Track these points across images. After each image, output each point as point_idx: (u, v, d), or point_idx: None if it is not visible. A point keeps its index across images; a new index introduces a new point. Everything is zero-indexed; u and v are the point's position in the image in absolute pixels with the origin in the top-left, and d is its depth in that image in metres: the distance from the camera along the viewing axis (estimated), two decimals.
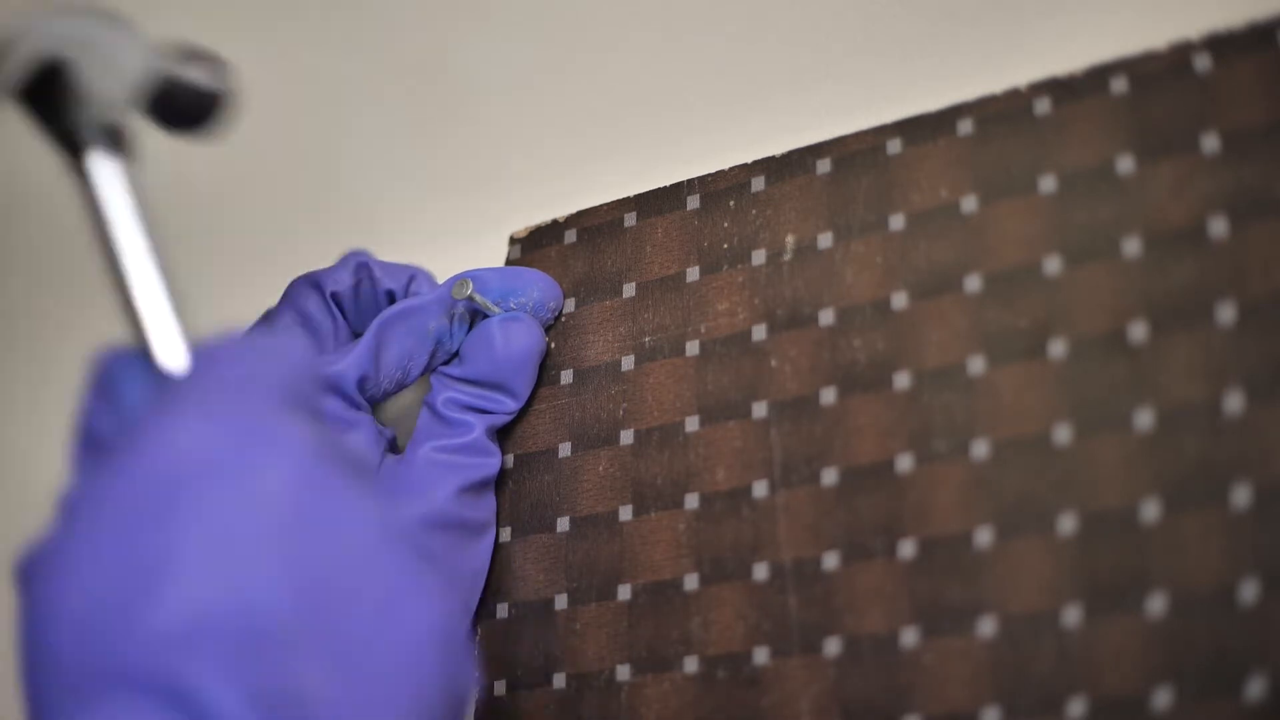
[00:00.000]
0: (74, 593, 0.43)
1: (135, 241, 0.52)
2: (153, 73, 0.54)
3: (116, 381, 0.49)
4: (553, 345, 0.63)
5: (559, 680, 0.59)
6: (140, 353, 0.49)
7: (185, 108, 0.56)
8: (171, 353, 0.50)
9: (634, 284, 0.62)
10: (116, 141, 0.53)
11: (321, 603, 0.43)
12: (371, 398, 0.63)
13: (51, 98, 0.52)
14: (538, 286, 0.63)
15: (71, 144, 0.53)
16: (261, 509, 0.44)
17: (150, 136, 0.56)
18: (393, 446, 0.64)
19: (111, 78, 0.53)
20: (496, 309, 0.62)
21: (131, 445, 0.45)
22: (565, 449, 0.62)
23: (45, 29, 0.52)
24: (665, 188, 0.63)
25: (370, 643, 0.44)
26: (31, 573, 0.45)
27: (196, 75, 0.56)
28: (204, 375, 0.48)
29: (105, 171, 0.53)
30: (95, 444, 0.48)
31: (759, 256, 0.60)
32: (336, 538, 0.44)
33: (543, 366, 0.63)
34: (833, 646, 0.54)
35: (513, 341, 0.62)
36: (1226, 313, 0.51)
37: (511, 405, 0.62)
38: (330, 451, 0.46)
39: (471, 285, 0.61)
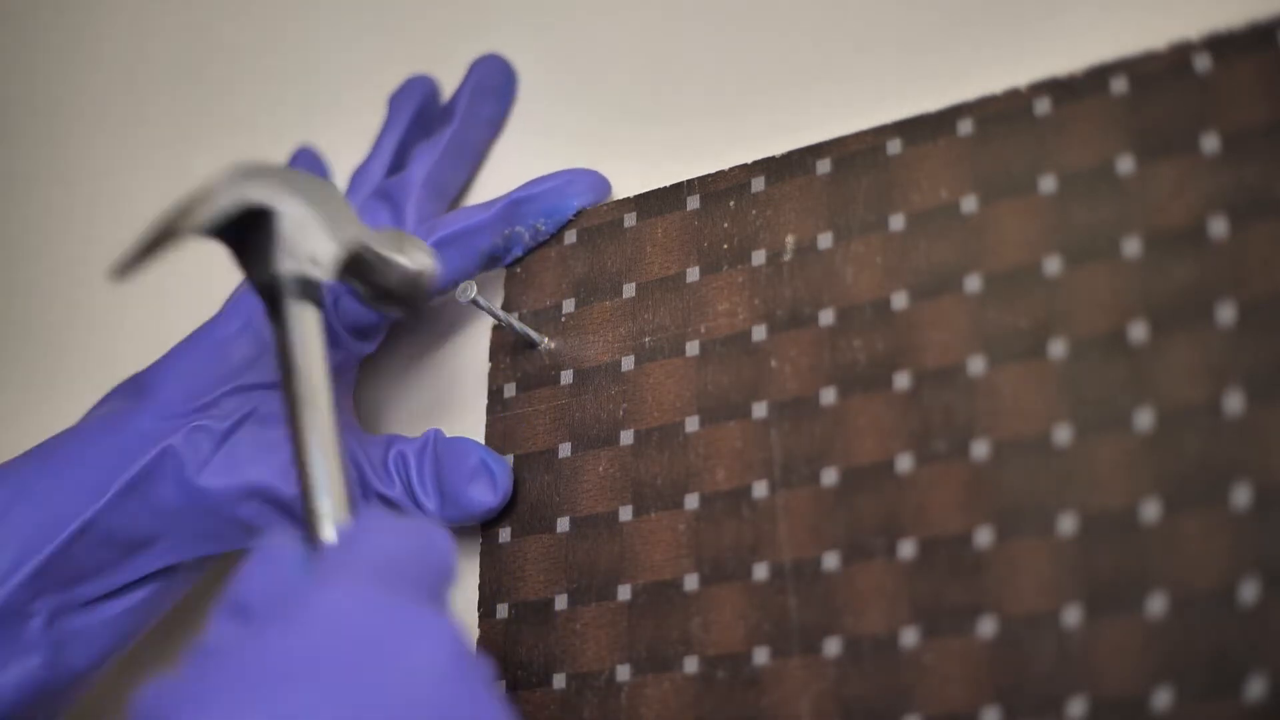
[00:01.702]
0: None
1: (319, 397, 0.54)
2: (356, 242, 0.57)
3: (278, 556, 0.49)
4: (553, 346, 0.63)
5: (559, 680, 0.59)
6: (306, 538, 0.51)
7: (384, 281, 0.59)
8: (332, 525, 0.52)
9: (634, 284, 0.62)
10: (311, 294, 0.55)
11: None
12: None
13: (254, 244, 0.54)
14: (584, 197, 0.65)
15: (270, 291, 0.54)
16: (409, 689, 0.44)
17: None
18: None
19: (313, 235, 0.55)
20: (503, 315, 0.62)
21: (282, 608, 0.46)
22: (565, 449, 0.62)
23: (257, 179, 0.54)
24: (665, 188, 0.63)
25: None
26: (158, 714, 0.45)
27: (397, 254, 0.59)
28: (361, 550, 0.49)
29: (299, 317, 0.54)
30: (240, 609, 0.48)
31: (759, 257, 0.60)
32: None
33: (543, 367, 0.63)
34: (833, 647, 0.54)
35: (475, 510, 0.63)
36: (1226, 313, 0.51)
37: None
38: (467, 647, 0.47)
39: (475, 288, 0.61)
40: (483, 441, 0.64)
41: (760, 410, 0.58)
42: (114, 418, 0.62)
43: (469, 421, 0.65)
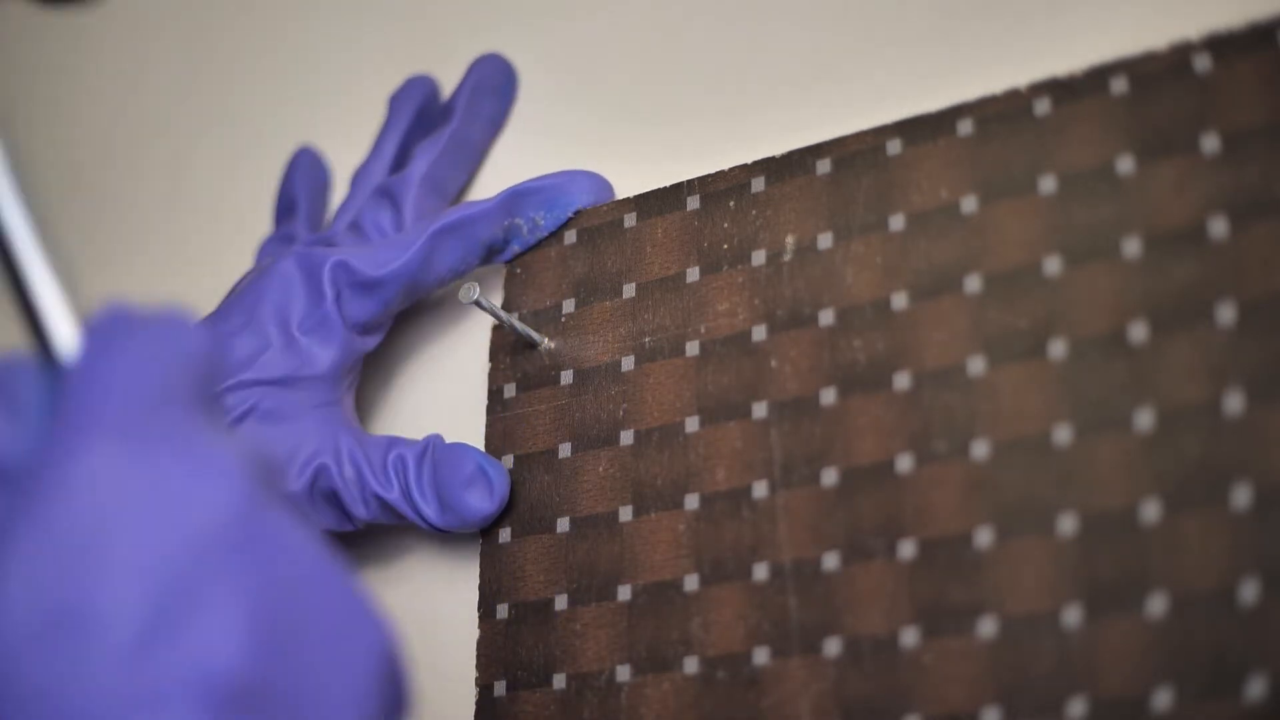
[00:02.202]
0: None
1: (8, 200, 0.48)
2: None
3: (14, 390, 0.43)
4: (553, 346, 0.63)
5: (559, 681, 0.59)
6: (39, 355, 0.44)
7: None
8: (69, 343, 0.44)
9: (634, 284, 0.62)
10: None
11: (277, 644, 0.39)
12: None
13: None
14: (584, 198, 0.65)
15: None
16: (202, 548, 0.39)
17: None
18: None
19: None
20: (506, 316, 0.62)
21: (41, 484, 0.40)
22: (565, 449, 0.62)
23: None
24: (665, 188, 0.63)
25: (323, 675, 0.40)
26: None
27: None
28: (106, 378, 0.42)
29: None
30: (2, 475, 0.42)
31: (759, 257, 0.60)
32: (282, 567, 0.40)
33: (543, 367, 0.63)
34: (833, 647, 0.54)
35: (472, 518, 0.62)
36: (1226, 313, 0.51)
37: (423, 525, 0.63)
38: (258, 463, 0.41)
39: (478, 289, 0.61)
40: (483, 442, 0.64)
41: (760, 410, 0.58)
42: None
43: (469, 421, 0.65)
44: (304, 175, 0.74)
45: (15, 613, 0.38)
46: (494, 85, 0.70)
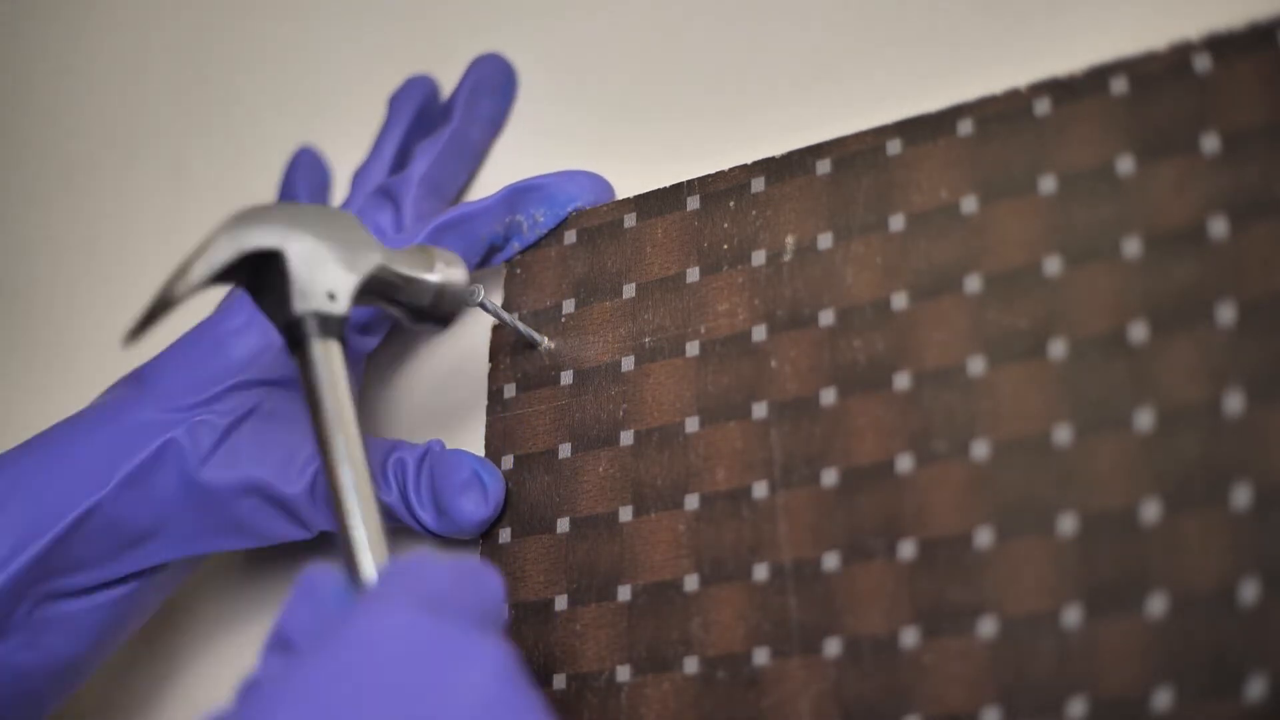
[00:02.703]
0: None
1: (349, 429, 0.54)
2: (375, 266, 0.56)
3: (319, 588, 0.49)
4: (553, 346, 0.63)
5: (559, 681, 0.59)
6: (346, 571, 0.51)
7: (413, 300, 0.59)
8: (375, 566, 0.51)
9: (634, 285, 0.62)
10: (331, 330, 0.54)
11: None
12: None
13: (268, 287, 0.54)
14: (583, 197, 0.65)
15: (291, 332, 0.54)
16: (459, 707, 0.44)
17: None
18: None
19: (326, 269, 0.55)
20: (509, 316, 0.62)
21: (330, 635, 0.46)
22: (565, 450, 0.62)
23: (256, 224, 0.54)
24: (665, 188, 0.63)
25: None
26: None
27: (422, 271, 0.58)
28: (406, 579, 0.48)
29: (322, 354, 0.54)
30: (285, 641, 0.48)
31: (759, 257, 0.60)
32: None
33: (543, 367, 0.63)
34: (833, 647, 0.54)
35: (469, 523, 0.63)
36: (1226, 313, 0.51)
37: (419, 530, 0.63)
38: (521, 674, 0.46)
39: (482, 290, 0.61)
40: (483, 442, 0.64)
41: (760, 410, 0.58)
42: (114, 408, 0.62)
43: (469, 422, 0.65)
44: (304, 174, 0.74)
45: None
46: (493, 85, 0.70)
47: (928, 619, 0.53)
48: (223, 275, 0.54)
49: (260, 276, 0.54)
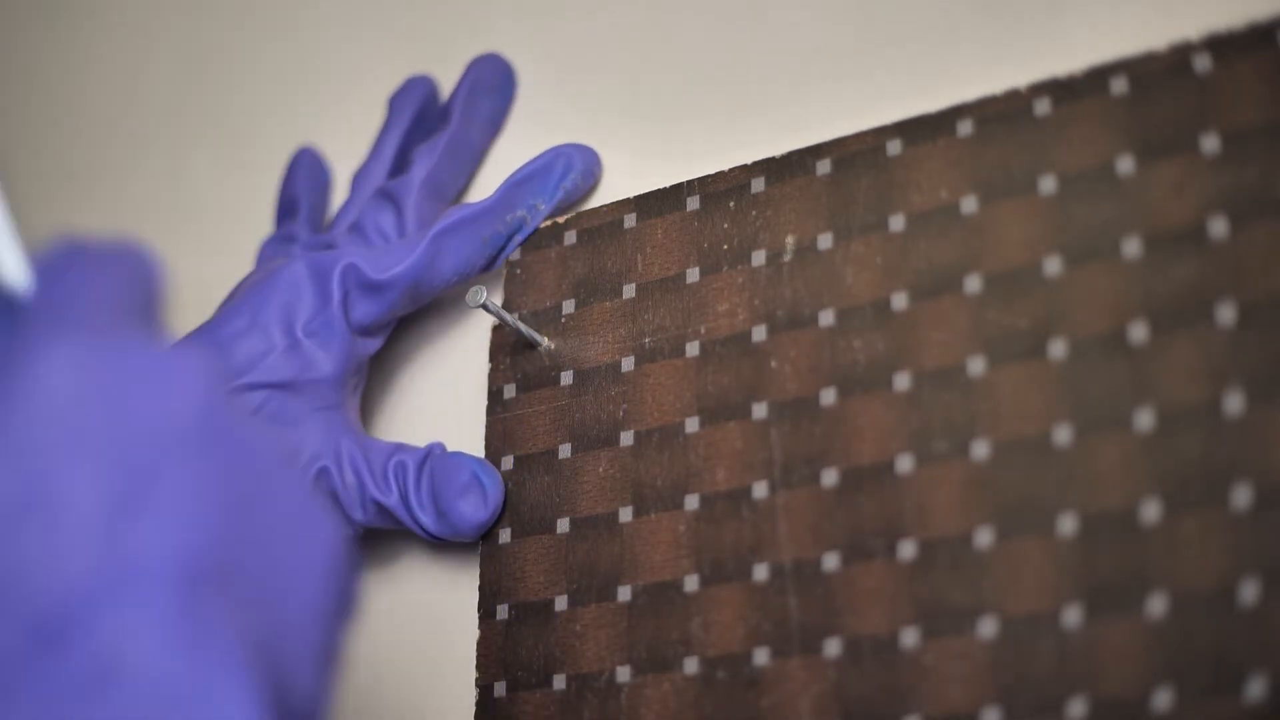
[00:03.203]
0: None
1: None
2: None
3: None
4: (552, 347, 0.63)
5: (559, 681, 0.59)
6: None
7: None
8: (16, 270, 0.44)
9: (634, 285, 0.62)
10: None
11: (241, 526, 0.40)
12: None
13: None
14: (573, 170, 0.66)
15: None
16: (167, 436, 0.40)
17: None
18: None
19: None
20: (510, 318, 0.62)
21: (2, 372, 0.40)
22: (565, 450, 0.62)
23: None
24: (665, 189, 0.63)
25: (280, 567, 0.41)
26: None
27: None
28: (64, 294, 0.43)
29: None
30: None
31: (759, 257, 0.60)
32: (243, 462, 0.41)
33: (543, 367, 0.63)
34: (833, 647, 0.54)
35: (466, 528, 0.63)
36: (1226, 313, 0.51)
37: (420, 532, 0.63)
38: (216, 370, 0.42)
39: (485, 292, 0.61)
40: (483, 442, 0.64)
41: (760, 411, 0.58)
42: None
43: (469, 422, 0.65)
44: (305, 175, 0.74)
45: None
46: (492, 85, 0.70)
47: (928, 619, 0.53)
48: None
49: None
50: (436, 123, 0.70)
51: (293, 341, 0.63)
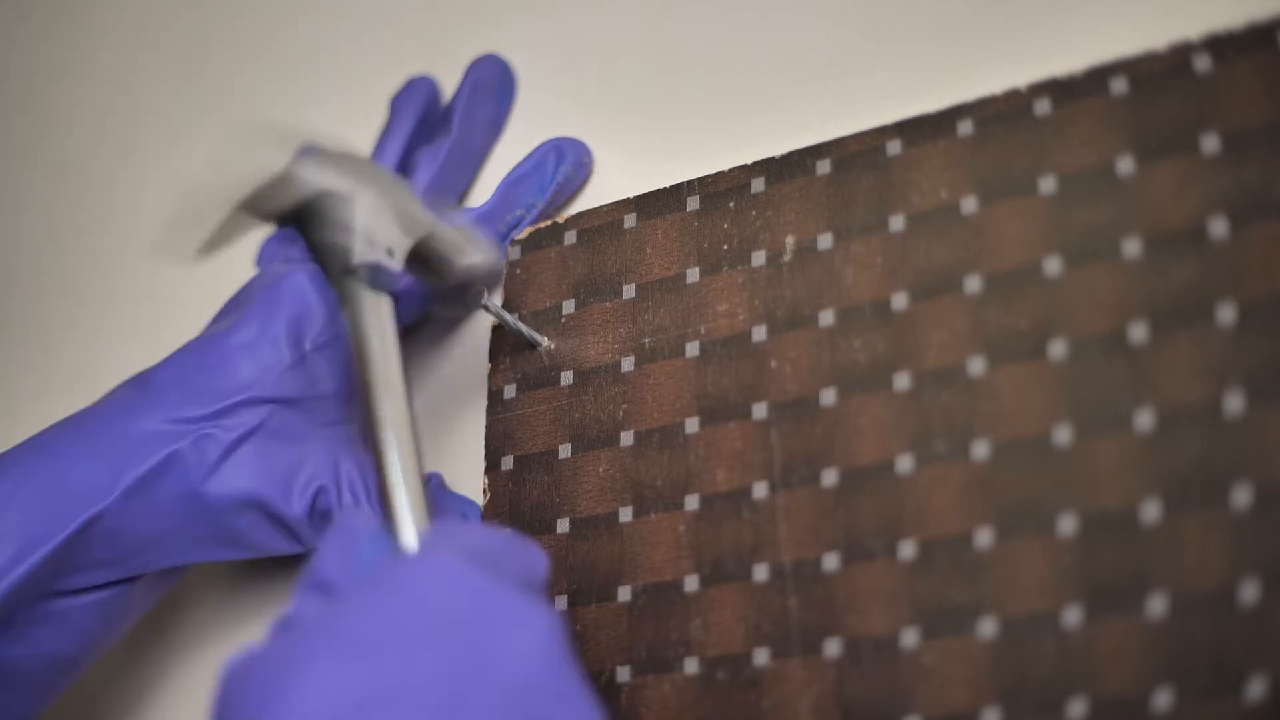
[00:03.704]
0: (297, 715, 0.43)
1: (395, 386, 0.53)
2: (424, 234, 0.56)
3: (357, 537, 0.49)
4: (552, 347, 0.63)
5: None
6: (385, 525, 0.50)
7: (445, 275, 0.58)
8: (412, 523, 0.50)
9: (634, 285, 0.62)
10: (385, 284, 0.54)
11: None
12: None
13: (326, 232, 0.54)
14: (564, 162, 0.66)
15: (345, 280, 0.54)
16: (508, 671, 0.43)
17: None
18: None
19: (387, 225, 0.54)
20: (511, 318, 0.62)
21: (376, 578, 0.45)
22: (565, 450, 0.62)
23: (332, 165, 0.54)
24: (665, 189, 0.63)
25: None
26: (246, 687, 0.44)
27: (459, 251, 0.58)
28: (453, 538, 0.48)
29: (374, 306, 0.54)
30: (322, 584, 0.47)
31: (759, 257, 0.60)
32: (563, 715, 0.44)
33: (543, 368, 0.63)
34: (833, 647, 0.54)
35: None
36: (1226, 313, 0.51)
37: None
38: (567, 647, 0.46)
39: (487, 293, 0.61)
40: (483, 442, 0.64)
41: (760, 411, 0.58)
42: (119, 413, 0.62)
43: (469, 422, 0.65)
44: None
45: (332, 678, 0.43)
46: (493, 88, 0.70)
47: (928, 619, 0.53)
48: (291, 211, 0.54)
49: (318, 218, 0.54)
50: (439, 125, 0.70)
51: (300, 356, 0.63)
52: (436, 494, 0.63)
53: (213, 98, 0.82)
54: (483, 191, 0.70)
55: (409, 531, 0.51)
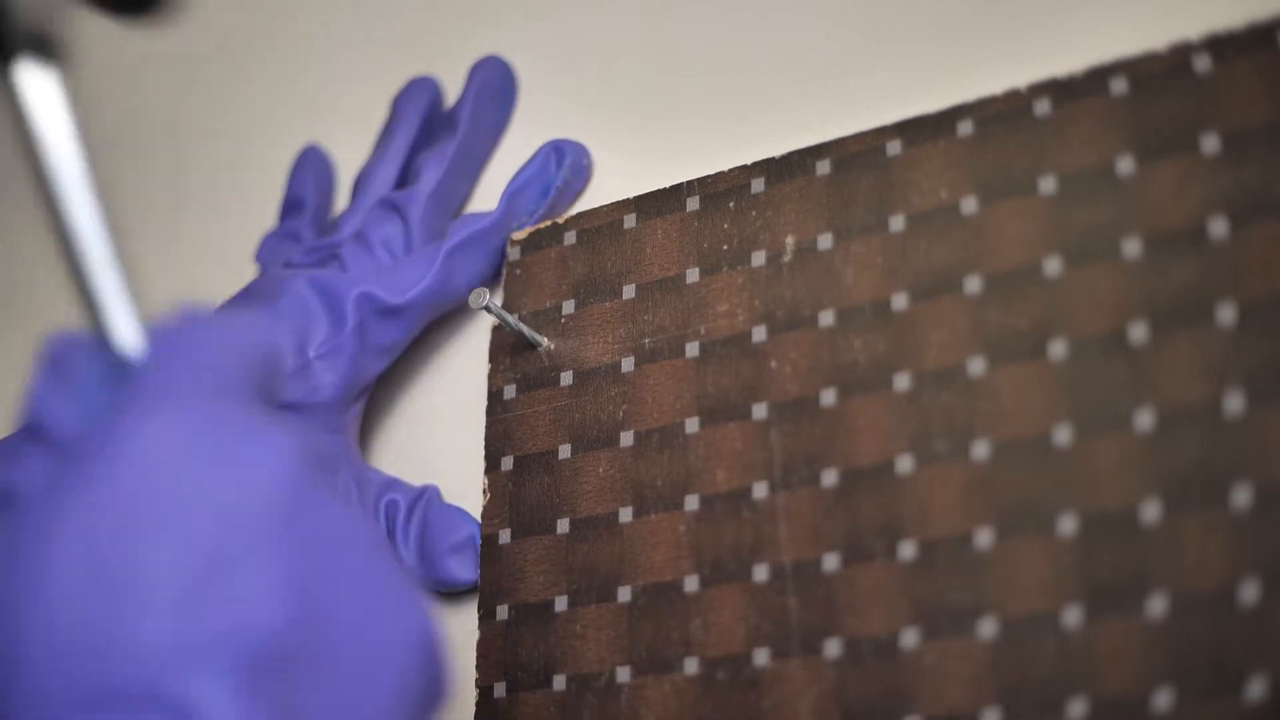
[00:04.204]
0: (43, 604, 0.40)
1: (77, 181, 0.48)
2: None
3: (72, 367, 0.44)
4: (552, 348, 0.63)
5: (559, 682, 0.59)
6: (97, 337, 0.45)
7: None
8: (129, 332, 0.45)
9: (633, 285, 0.62)
10: (47, 49, 0.47)
11: (314, 615, 0.41)
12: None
13: None
14: (564, 164, 0.66)
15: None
16: (249, 518, 0.41)
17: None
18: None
19: None
20: (511, 318, 0.62)
21: (98, 447, 0.42)
22: (565, 450, 0.62)
23: None
24: (665, 189, 0.63)
25: (358, 653, 0.42)
26: None
27: None
28: (171, 364, 0.44)
29: (37, 83, 0.47)
30: (47, 435, 0.44)
31: (759, 258, 0.60)
32: (326, 546, 0.43)
33: (543, 368, 0.63)
34: (833, 648, 0.54)
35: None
36: (1226, 313, 0.51)
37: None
38: (311, 451, 0.43)
39: (488, 295, 0.61)
40: (483, 443, 0.64)
41: (760, 411, 0.58)
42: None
43: (469, 422, 0.65)
44: (311, 174, 0.74)
45: (66, 566, 0.40)
46: (497, 92, 0.70)
47: (928, 620, 0.53)
48: None
49: None
50: (442, 128, 0.70)
51: (304, 363, 0.63)
52: (432, 507, 0.63)
53: (214, 98, 0.82)
54: (482, 192, 0.70)
55: (128, 341, 0.45)
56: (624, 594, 0.59)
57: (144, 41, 0.85)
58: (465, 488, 0.65)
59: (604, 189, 0.67)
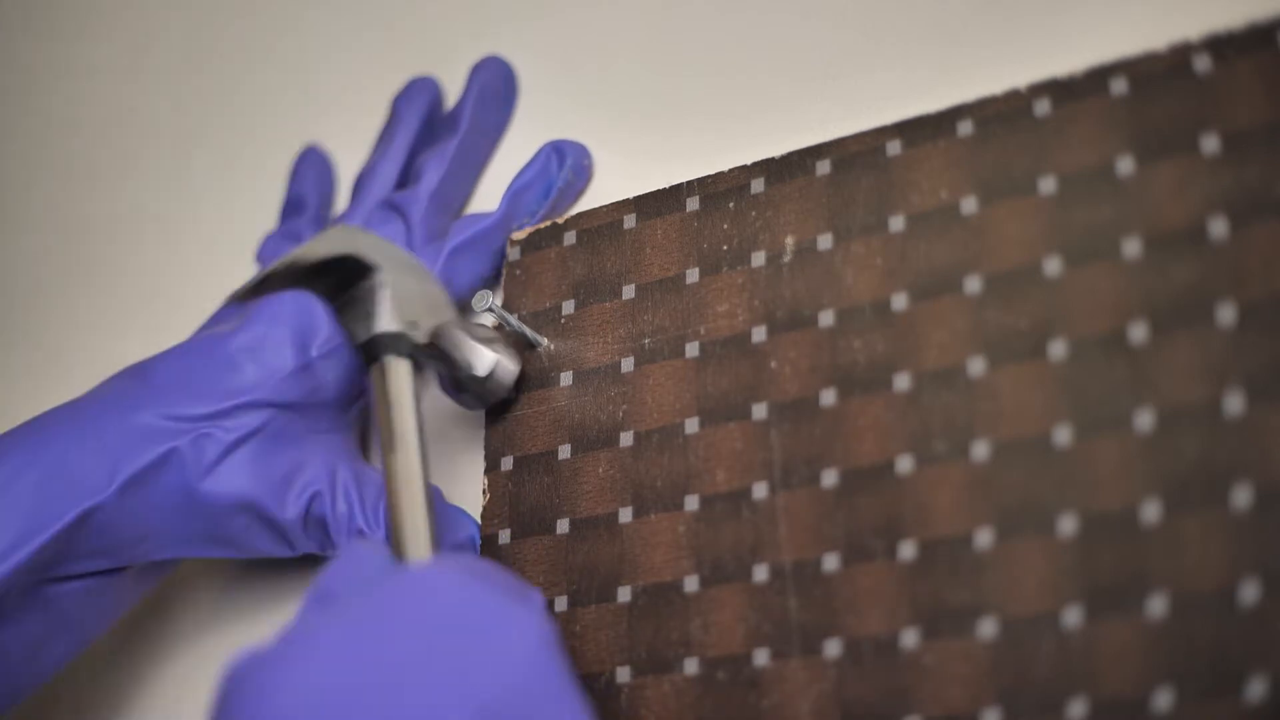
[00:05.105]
0: (303, 709, 0.45)
1: (411, 440, 0.57)
2: (446, 323, 0.60)
3: (364, 555, 0.52)
4: (552, 348, 0.63)
5: None
6: (391, 549, 0.53)
7: (454, 371, 0.61)
8: (420, 556, 0.54)
9: (633, 286, 0.62)
10: (406, 351, 0.58)
11: None
12: None
13: (357, 301, 0.58)
14: (565, 164, 0.67)
15: (371, 347, 0.58)
16: (502, 671, 0.46)
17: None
18: None
19: (415, 303, 0.59)
20: (512, 319, 0.62)
21: (370, 590, 0.47)
22: (565, 451, 0.62)
23: (364, 239, 0.59)
24: (665, 189, 0.63)
25: None
26: (241, 686, 0.46)
27: (473, 352, 0.61)
28: (452, 559, 0.51)
29: (397, 370, 0.58)
30: (327, 595, 0.50)
31: (759, 258, 0.60)
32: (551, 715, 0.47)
33: (543, 368, 0.63)
34: (833, 648, 0.54)
35: None
36: (1226, 313, 0.51)
37: None
38: (560, 650, 0.49)
39: (491, 296, 0.61)
40: (483, 444, 0.64)
41: (760, 411, 0.58)
42: (116, 405, 0.62)
43: (469, 423, 0.65)
44: (313, 174, 0.74)
45: (343, 662, 0.46)
46: (497, 92, 0.70)
47: (928, 620, 0.53)
48: (316, 271, 0.57)
49: (346, 289, 0.58)
50: (443, 128, 0.70)
51: (305, 362, 0.63)
52: (439, 509, 0.63)
53: (213, 98, 0.82)
54: (482, 192, 0.70)
55: (416, 553, 0.54)
56: (624, 594, 0.59)
57: (144, 41, 0.85)
58: (465, 488, 0.65)
59: (604, 189, 0.67)
